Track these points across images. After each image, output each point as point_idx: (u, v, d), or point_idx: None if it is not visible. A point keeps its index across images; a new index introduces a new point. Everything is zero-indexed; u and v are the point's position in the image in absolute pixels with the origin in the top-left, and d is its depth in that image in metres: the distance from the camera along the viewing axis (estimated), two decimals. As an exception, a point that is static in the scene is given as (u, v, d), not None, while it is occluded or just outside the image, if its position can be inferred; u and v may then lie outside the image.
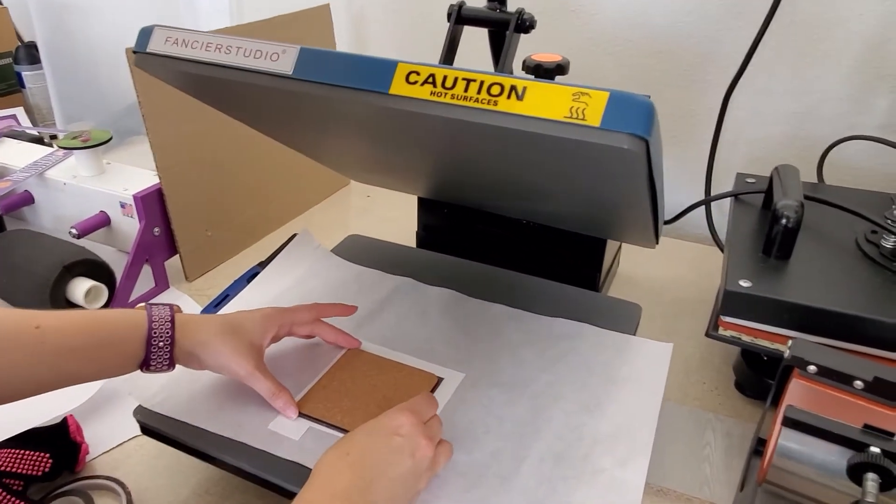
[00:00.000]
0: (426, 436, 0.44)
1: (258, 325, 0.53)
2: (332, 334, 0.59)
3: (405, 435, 0.44)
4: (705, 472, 0.56)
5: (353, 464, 0.41)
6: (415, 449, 0.43)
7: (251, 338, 0.52)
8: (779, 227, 0.59)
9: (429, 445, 0.44)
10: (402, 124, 0.42)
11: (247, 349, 0.51)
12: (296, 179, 0.97)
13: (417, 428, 0.44)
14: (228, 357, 0.50)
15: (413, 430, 0.44)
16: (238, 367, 0.50)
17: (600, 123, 0.33)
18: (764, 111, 0.88)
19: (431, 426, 0.46)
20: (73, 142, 0.79)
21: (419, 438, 0.44)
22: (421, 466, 0.44)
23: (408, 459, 0.43)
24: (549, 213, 0.64)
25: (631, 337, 0.61)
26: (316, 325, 0.58)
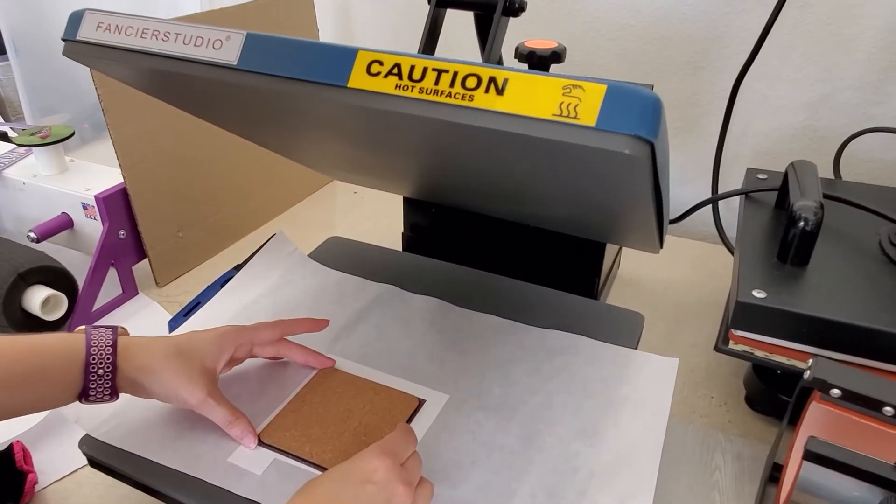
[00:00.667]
0: (404, 481, 0.39)
1: (211, 346, 0.48)
2: (301, 355, 0.53)
3: (379, 482, 0.38)
4: (714, 501, 0.51)
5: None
6: (391, 497, 0.38)
7: (203, 361, 0.47)
8: (796, 230, 0.53)
9: (406, 492, 0.39)
10: (369, 122, 0.37)
11: (197, 374, 0.46)
12: (276, 175, 0.92)
13: (393, 473, 0.39)
14: (176, 384, 0.45)
15: (388, 475, 0.39)
16: (187, 394, 0.45)
17: (596, 123, 0.27)
18: (774, 101, 0.82)
19: (409, 468, 0.41)
20: (31, 138, 0.74)
21: (395, 485, 0.39)
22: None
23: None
24: (543, 216, 0.59)
25: (632, 351, 0.56)
26: (281, 345, 0.53)
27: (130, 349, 0.45)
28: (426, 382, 0.53)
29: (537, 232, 0.67)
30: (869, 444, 0.42)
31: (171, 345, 0.46)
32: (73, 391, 0.43)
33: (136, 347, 0.45)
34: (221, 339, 0.49)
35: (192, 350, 0.47)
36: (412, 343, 0.57)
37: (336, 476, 0.39)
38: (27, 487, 0.51)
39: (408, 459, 0.41)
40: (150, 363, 0.45)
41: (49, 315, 0.67)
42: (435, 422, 0.49)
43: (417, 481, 0.41)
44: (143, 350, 0.45)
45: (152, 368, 0.45)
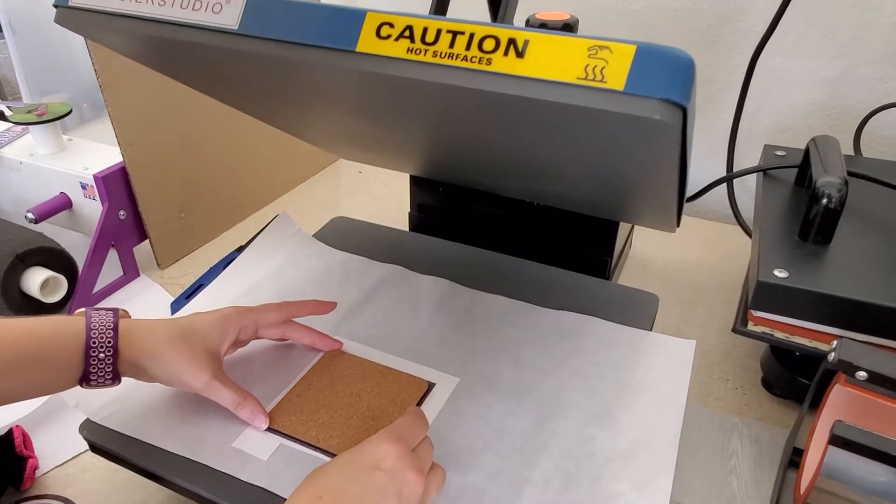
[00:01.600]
0: (415, 467, 0.37)
1: (215, 328, 0.46)
2: (307, 336, 0.52)
3: (389, 469, 0.37)
4: (732, 486, 0.50)
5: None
6: (401, 486, 0.36)
7: (206, 344, 0.45)
8: (819, 207, 0.51)
9: (418, 480, 0.37)
10: (378, 91, 0.35)
11: (201, 357, 0.44)
12: (279, 155, 0.90)
13: (404, 460, 0.37)
14: (180, 368, 0.43)
15: (399, 462, 0.37)
16: (192, 377, 0.44)
17: (624, 87, 0.25)
18: (791, 76, 0.79)
19: (421, 454, 0.39)
20: (27, 116, 0.72)
21: (407, 472, 0.37)
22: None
23: (393, 499, 0.36)
24: (556, 193, 0.57)
25: (647, 333, 0.54)
26: (287, 327, 0.51)
27: (132, 332, 0.43)
28: (435, 365, 0.51)
29: (548, 211, 0.65)
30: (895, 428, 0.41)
31: (174, 327, 0.45)
32: (74, 376, 0.42)
33: (139, 330, 0.44)
34: (225, 321, 0.47)
35: (195, 332, 0.45)
36: (420, 325, 0.56)
37: (344, 463, 0.37)
38: (27, 473, 0.50)
39: (419, 445, 0.40)
40: (152, 347, 0.43)
41: (48, 297, 0.66)
42: (445, 406, 0.48)
43: (429, 467, 0.40)
44: (145, 333, 0.44)
45: (155, 352, 0.43)
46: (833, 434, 0.40)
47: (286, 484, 0.41)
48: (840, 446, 0.40)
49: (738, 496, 0.49)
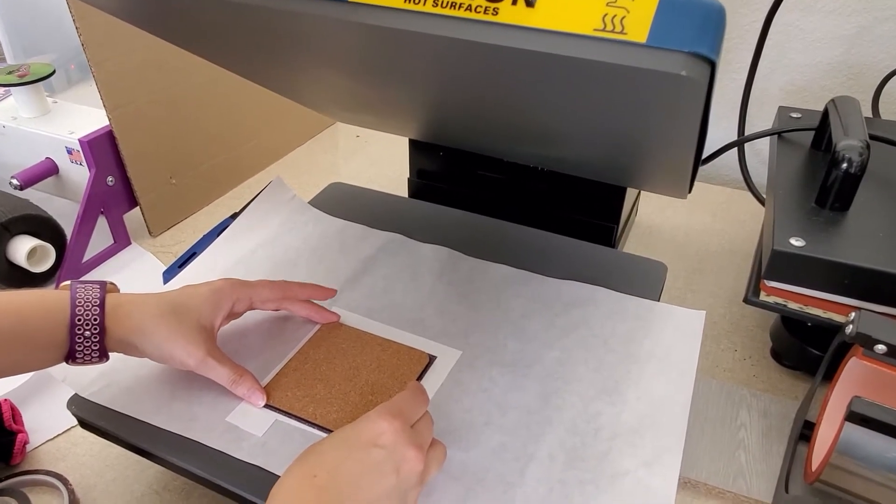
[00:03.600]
0: (414, 444, 0.36)
1: (207, 302, 0.44)
2: (303, 309, 0.50)
3: (387, 446, 0.35)
4: (740, 460, 0.49)
5: (322, 488, 0.33)
6: (400, 462, 0.35)
7: (198, 318, 0.43)
8: (838, 172, 0.49)
9: (417, 456, 0.35)
10: (373, 45, 0.32)
11: (194, 333, 0.42)
12: (274, 118, 0.86)
13: (402, 435, 0.36)
14: (171, 345, 0.42)
15: (397, 438, 0.35)
16: (185, 354, 0.42)
17: (647, 39, 0.22)
18: (808, 34, 0.76)
19: (420, 430, 0.38)
20: (8, 77, 0.69)
21: (405, 449, 0.35)
22: (408, 483, 0.35)
23: (391, 476, 0.34)
24: (564, 157, 0.54)
25: (655, 303, 0.52)
26: (283, 301, 0.49)
27: (121, 308, 0.41)
28: (436, 337, 0.49)
29: (553, 176, 0.62)
30: (915, 404, 0.39)
31: (165, 302, 0.43)
32: (59, 353, 0.40)
33: (127, 305, 0.42)
34: (218, 295, 0.45)
35: (186, 307, 0.43)
36: (421, 295, 0.54)
37: (340, 440, 0.35)
38: (17, 448, 0.48)
39: (418, 421, 0.38)
40: (141, 324, 0.41)
41: (36, 267, 0.64)
42: (446, 380, 0.46)
43: (429, 444, 0.38)
44: (134, 309, 0.42)
45: (145, 329, 0.41)
46: (851, 410, 0.38)
47: (281, 461, 0.40)
48: (857, 423, 0.38)
49: (746, 470, 0.48)
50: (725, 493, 0.47)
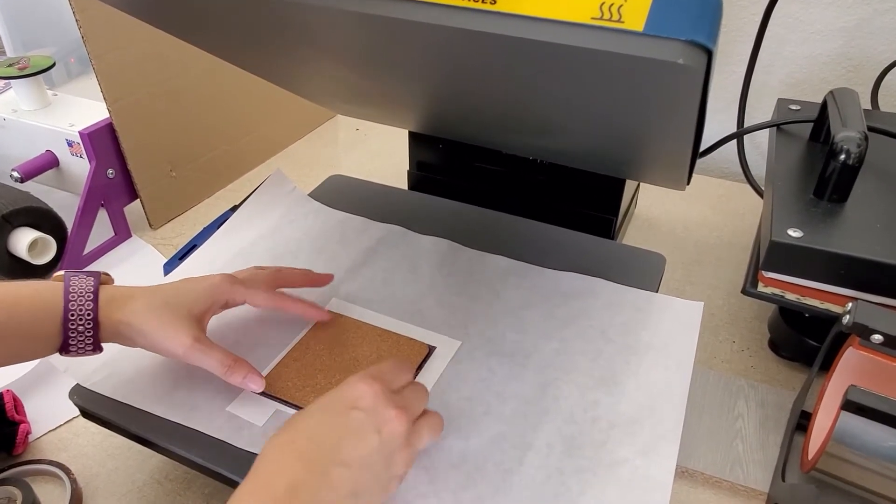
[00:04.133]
0: (395, 405, 0.36)
1: (201, 296, 0.44)
2: (297, 307, 0.49)
3: (367, 408, 0.35)
4: (737, 449, 0.49)
5: (302, 452, 0.33)
6: (381, 424, 0.35)
7: (189, 307, 0.43)
8: (836, 163, 0.49)
9: (399, 416, 0.35)
10: (370, 35, 0.32)
11: (182, 321, 0.42)
12: (274, 110, 0.87)
13: (382, 397, 0.35)
14: (159, 335, 0.41)
15: (376, 400, 0.35)
16: (172, 343, 0.41)
17: (644, 27, 0.23)
18: (808, 26, 0.76)
19: (406, 395, 0.38)
20: (8, 69, 0.69)
21: (386, 410, 0.35)
22: (392, 444, 0.35)
23: (373, 437, 0.34)
24: (562, 149, 0.54)
25: (653, 294, 0.52)
26: (277, 297, 0.48)
27: (114, 300, 0.41)
28: (436, 328, 0.50)
29: (552, 168, 0.62)
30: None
31: (158, 295, 0.43)
32: (52, 345, 0.40)
33: (121, 299, 0.42)
34: (213, 289, 0.45)
35: (178, 299, 0.43)
36: (420, 287, 0.54)
37: (319, 407, 0.35)
38: (20, 438, 0.49)
39: (405, 388, 0.38)
40: (131, 318, 0.41)
41: (37, 259, 0.64)
42: (446, 370, 0.47)
43: (418, 411, 0.38)
44: (127, 302, 0.41)
45: (132, 321, 0.41)
46: (847, 399, 0.38)
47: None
48: (853, 412, 0.38)
49: (743, 460, 0.48)
50: (722, 482, 0.47)
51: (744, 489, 0.46)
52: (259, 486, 0.32)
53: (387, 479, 0.35)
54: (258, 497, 0.31)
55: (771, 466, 0.47)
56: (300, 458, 0.33)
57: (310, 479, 0.32)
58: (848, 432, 0.40)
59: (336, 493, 0.33)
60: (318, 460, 0.33)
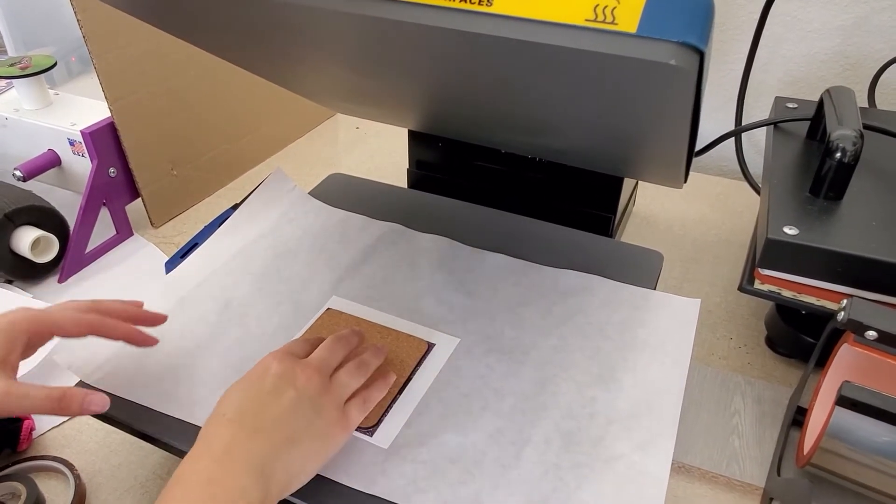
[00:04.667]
0: (300, 364, 0.40)
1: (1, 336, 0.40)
2: (118, 329, 0.44)
3: (276, 372, 0.39)
4: (734, 445, 0.49)
5: (232, 420, 0.37)
6: (293, 380, 0.39)
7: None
8: (832, 161, 0.49)
9: (306, 370, 0.40)
10: (369, 36, 0.32)
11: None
12: (274, 109, 0.87)
13: (288, 361, 0.40)
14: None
15: (283, 364, 0.40)
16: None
17: (637, 29, 0.23)
18: (805, 24, 0.76)
19: (312, 356, 0.42)
20: (10, 69, 0.69)
21: (293, 368, 0.40)
22: (310, 391, 0.39)
23: (289, 390, 0.38)
24: (560, 148, 0.55)
25: (651, 292, 0.53)
26: (90, 322, 0.43)
27: None
28: (435, 325, 0.50)
29: (551, 166, 0.63)
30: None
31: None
32: None
33: None
34: (10, 329, 0.40)
35: None
36: (419, 284, 0.54)
37: (238, 384, 0.39)
38: (24, 434, 0.49)
39: (320, 353, 0.42)
40: None
41: (40, 257, 0.64)
42: (445, 366, 0.47)
43: (331, 364, 0.42)
44: None
45: None
46: (841, 394, 0.39)
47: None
48: (847, 407, 0.39)
49: (739, 455, 0.49)
50: (719, 478, 0.47)
51: (740, 484, 0.47)
52: (200, 453, 0.36)
53: (323, 424, 0.39)
54: (200, 463, 0.35)
55: (767, 462, 0.48)
56: (230, 423, 0.37)
57: (241, 436, 0.36)
58: (842, 428, 0.40)
59: (269, 443, 0.36)
60: (246, 421, 0.37)
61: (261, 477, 0.34)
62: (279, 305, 0.52)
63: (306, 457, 0.37)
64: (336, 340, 0.44)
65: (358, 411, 0.41)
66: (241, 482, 0.34)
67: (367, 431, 0.42)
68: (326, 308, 0.52)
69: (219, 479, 0.34)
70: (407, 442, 0.42)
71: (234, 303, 0.52)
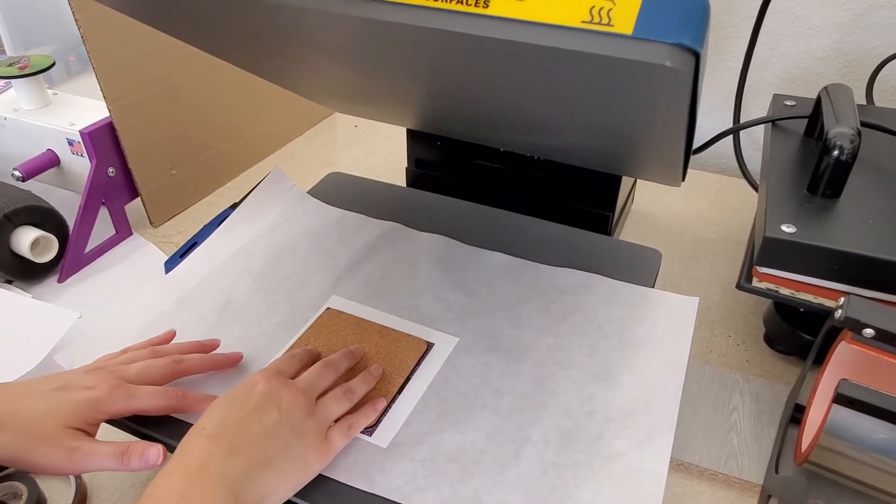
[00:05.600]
0: (288, 386, 0.40)
1: (71, 412, 0.40)
2: (199, 405, 0.43)
3: (262, 391, 0.39)
4: (732, 442, 0.50)
5: (210, 435, 0.37)
6: (278, 401, 0.39)
7: (65, 423, 0.40)
8: (830, 159, 0.49)
9: (293, 392, 0.40)
10: (367, 38, 0.32)
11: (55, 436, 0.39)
12: (273, 109, 0.87)
13: (276, 381, 0.40)
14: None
15: (269, 384, 0.40)
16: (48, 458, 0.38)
17: (633, 31, 0.23)
18: (804, 21, 0.76)
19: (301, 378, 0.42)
20: (8, 69, 0.69)
21: (280, 389, 0.40)
22: (294, 414, 0.39)
23: (272, 412, 0.38)
24: (558, 147, 0.55)
25: (649, 290, 0.53)
26: (171, 401, 0.43)
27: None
28: (434, 324, 0.50)
29: (549, 165, 0.63)
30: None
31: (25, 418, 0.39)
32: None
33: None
34: (87, 406, 0.41)
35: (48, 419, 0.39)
36: (418, 283, 0.54)
37: (222, 399, 0.39)
38: (25, 434, 0.49)
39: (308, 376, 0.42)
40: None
41: (40, 257, 0.64)
42: (444, 365, 0.47)
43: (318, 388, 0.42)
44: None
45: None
46: (838, 392, 0.39)
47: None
48: (845, 404, 0.39)
49: (738, 452, 0.49)
50: (717, 475, 0.48)
51: (738, 481, 0.47)
52: (174, 467, 0.35)
53: (301, 448, 0.38)
54: (173, 477, 0.35)
55: (765, 459, 0.48)
56: (208, 438, 0.36)
57: (218, 453, 0.36)
58: (839, 425, 0.40)
59: (245, 462, 0.36)
60: (224, 437, 0.36)
61: (231, 496, 0.34)
62: (278, 304, 0.52)
63: (279, 479, 0.37)
64: (326, 365, 0.44)
65: (341, 436, 0.41)
66: (212, 500, 0.34)
67: (367, 431, 0.43)
68: (326, 307, 0.52)
69: (190, 495, 0.34)
70: (406, 441, 0.42)
71: (233, 302, 0.53)
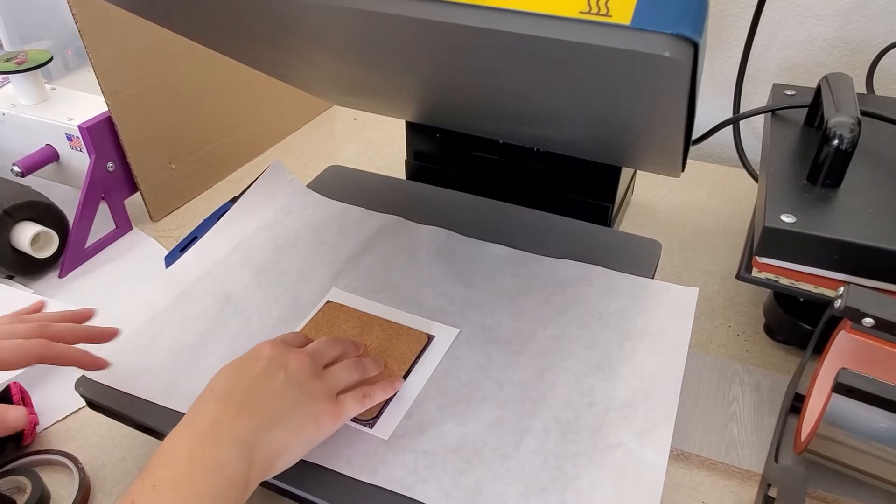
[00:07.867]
0: (293, 352, 0.41)
1: None
2: (67, 354, 0.43)
3: (268, 356, 0.40)
4: (732, 432, 0.50)
5: (220, 397, 0.37)
6: (284, 363, 0.40)
7: None
8: (829, 148, 0.49)
9: (300, 355, 0.41)
10: (366, 30, 0.32)
11: None
12: (271, 102, 0.87)
13: (281, 347, 0.41)
14: None
15: (275, 349, 0.41)
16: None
17: (631, 21, 0.23)
18: (804, 9, 0.76)
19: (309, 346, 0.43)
20: (6, 64, 0.69)
21: (285, 354, 0.40)
22: (300, 375, 0.39)
23: (280, 374, 0.39)
24: (557, 138, 0.55)
25: (649, 280, 0.53)
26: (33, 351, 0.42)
27: None
28: (434, 316, 0.50)
29: (549, 157, 0.63)
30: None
31: None
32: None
33: None
34: None
35: None
36: (419, 276, 0.54)
37: (231, 365, 0.40)
38: (28, 429, 0.50)
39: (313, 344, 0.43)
40: None
41: (40, 253, 0.65)
42: (445, 357, 0.47)
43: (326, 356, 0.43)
44: None
45: None
46: (837, 381, 0.39)
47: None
48: (844, 394, 0.39)
49: (738, 442, 0.49)
50: (717, 464, 0.48)
51: (738, 471, 0.47)
52: (185, 427, 0.36)
53: (311, 407, 0.39)
54: (185, 436, 0.35)
55: (765, 448, 0.48)
56: (217, 401, 0.37)
57: (228, 413, 0.36)
58: (839, 414, 0.40)
59: (255, 421, 0.36)
60: (234, 399, 0.37)
61: (243, 454, 0.35)
62: (279, 298, 0.53)
63: (291, 437, 0.37)
64: (332, 339, 0.45)
65: (354, 402, 0.41)
66: (223, 458, 0.34)
67: (368, 423, 0.43)
68: (326, 300, 0.52)
69: (201, 453, 0.34)
70: (407, 432, 0.42)
71: (233, 296, 0.53)
